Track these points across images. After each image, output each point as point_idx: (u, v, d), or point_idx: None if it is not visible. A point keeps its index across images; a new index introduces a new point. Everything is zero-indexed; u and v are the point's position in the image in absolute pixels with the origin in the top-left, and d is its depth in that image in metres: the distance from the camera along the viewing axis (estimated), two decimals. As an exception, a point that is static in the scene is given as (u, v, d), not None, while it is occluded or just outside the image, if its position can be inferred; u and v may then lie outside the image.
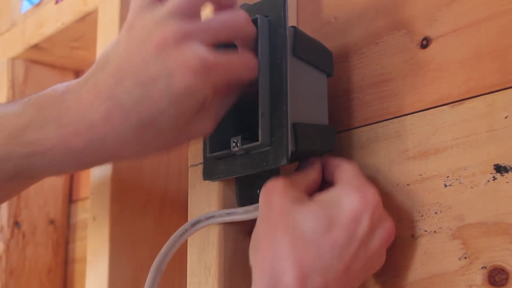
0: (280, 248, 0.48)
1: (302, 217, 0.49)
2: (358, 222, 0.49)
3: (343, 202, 0.49)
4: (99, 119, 0.48)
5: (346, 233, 0.48)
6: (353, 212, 0.49)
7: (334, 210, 0.49)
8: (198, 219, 0.58)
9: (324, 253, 0.47)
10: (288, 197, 0.50)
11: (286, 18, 0.54)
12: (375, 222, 0.50)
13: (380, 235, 0.50)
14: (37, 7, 0.99)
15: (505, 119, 0.51)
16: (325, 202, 0.50)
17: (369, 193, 0.50)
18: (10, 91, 1.00)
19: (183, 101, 0.47)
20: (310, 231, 0.48)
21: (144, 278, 0.64)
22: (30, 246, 1.01)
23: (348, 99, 0.62)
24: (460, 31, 0.55)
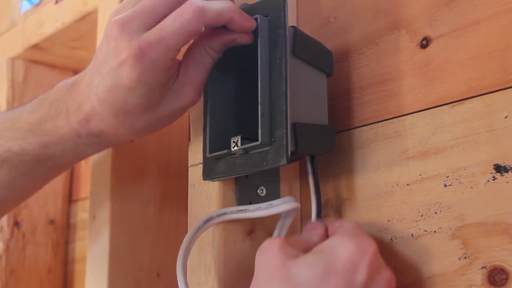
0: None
1: (298, 268, 0.47)
2: (355, 271, 0.47)
3: (338, 250, 0.47)
4: (88, 110, 0.57)
5: (343, 282, 0.46)
6: (349, 259, 0.47)
7: (330, 258, 0.47)
8: (210, 216, 0.57)
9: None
10: (284, 253, 0.49)
11: (286, 18, 0.54)
12: (373, 271, 0.48)
13: (379, 285, 0.48)
14: (37, 7, 0.99)
15: (505, 119, 0.51)
16: (320, 251, 0.48)
17: (365, 241, 0.48)
18: (10, 91, 1.01)
19: (144, 81, 0.53)
20: (306, 280, 0.46)
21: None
22: (30, 246, 1.01)
23: (348, 99, 0.62)
24: (460, 31, 0.55)
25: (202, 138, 0.60)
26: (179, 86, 0.56)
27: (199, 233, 0.57)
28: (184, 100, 0.57)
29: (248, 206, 0.58)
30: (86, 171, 1.05)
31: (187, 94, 0.56)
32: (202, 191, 0.61)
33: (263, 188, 0.61)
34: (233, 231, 0.59)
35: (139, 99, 0.54)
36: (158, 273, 0.82)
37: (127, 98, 0.54)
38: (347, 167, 0.61)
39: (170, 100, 0.56)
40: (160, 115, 0.57)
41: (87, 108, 0.57)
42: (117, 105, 0.55)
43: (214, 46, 0.56)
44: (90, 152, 0.64)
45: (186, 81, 0.56)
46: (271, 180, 0.62)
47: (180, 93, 0.56)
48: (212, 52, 0.56)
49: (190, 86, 0.56)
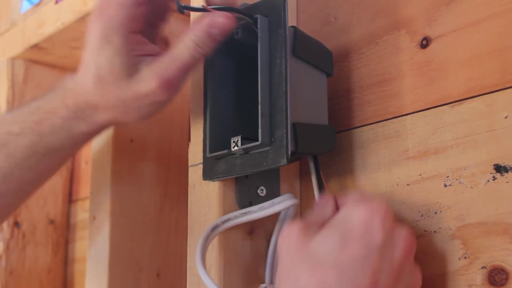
0: (300, 278, 0.47)
1: (316, 243, 0.48)
2: (371, 231, 0.47)
3: (350, 217, 0.48)
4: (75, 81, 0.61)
5: (362, 244, 0.47)
6: (362, 222, 0.48)
7: (344, 227, 0.48)
8: (215, 224, 0.57)
9: (346, 270, 0.46)
10: (302, 235, 0.49)
11: (286, 18, 0.54)
12: (388, 229, 0.48)
13: (399, 243, 0.48)
14: (37, 7, 0.99)
15: (505, 119, 0.51)
16: (333, 224, 0.49)
17: (373, 203, 0.49)
18: (10, 91, 1.00)
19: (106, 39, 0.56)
20: (325, 253, 0.47)
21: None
22: (30, 246, 1.01)
23: (348, 99, 0.62)
24: (460, 31, 0.55)
25: (202, 138, 0.60)
26: (146, 72, 0.56)
27: (208, 242, 0.57)
28: (145, 86, 0.56)
29: (251, 208, 0.58)
30: (86, 171, 1.05)
31: (149, 83, 0.55)
32: (202, 191, 0.61)
33: (263, 188, 0.61)
34: (233, 231, 0.59)
35: (107, 62, 0.56)
36: (158, 273, 0.82)
37: (98, 61, 0.57)
38: (347, 167, 0.61)
39: (136, 82, 0.56)
40: (129, 93, 0.57)
41: (74, 80, 0.61)
42: (92, 70, 0.58)
43: (193, 36, 0.54)
44: (78, 130, 0.63)
45: (154, 69, 0.56)
46: (271, 180, 0.62)
47: (144, 80, 0.56)
48: (190, 43, 0.54)
49: (156, 76, 0.55)
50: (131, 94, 0.57)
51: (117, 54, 0.56)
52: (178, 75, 0.55)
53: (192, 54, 0.54)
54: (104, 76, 0.57)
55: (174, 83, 0.55)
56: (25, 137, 0.64)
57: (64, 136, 0.64)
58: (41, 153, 0.65)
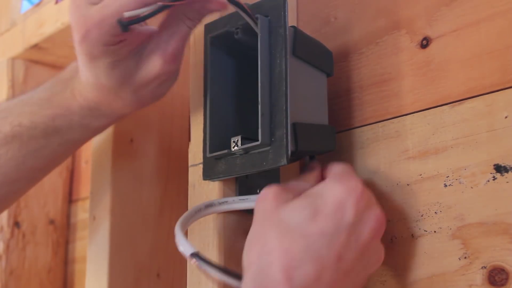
0: (267, 242, 0.48)
1: (287, 212, 0.49)
2: (343, 210, 0.48)
3: (326, 192, 0.50)
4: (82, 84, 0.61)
5: (332, 221, 0.48)
6: (336, 199, 0.49)
7: (318, 201, 0.49)
8: (211, 202, 0.57)
9: (312, 243, 0.47)
10: (278, 200, 0.50)
11: (286, 18, 0.54)
12: (360, 209, 0.49)
13: (369, 223, 0.50)
14: (37, 7, 0.99)
15: (505, 119, 0.51)
16: (309, 195, 0.50)
17: (351, 182, 0.50)
18: (10, 91, 1.00)
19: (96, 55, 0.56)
20: (295, 223, 0.48)
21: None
22: (30, 246, 1.01)
23: (348, 99, 0.62)
24: (460, 31, 0.55)
25: (202, 138, 0.60)
26: (150, 55, 0.57)
27: (197, 216, 0.57)
28: (153, 68, 0.57)
29: (250, 196, 0.58)
30: (86, 171, 1.05)
31: (155, 62, 0.57)
32: (202, 191, 0.61)
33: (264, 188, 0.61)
34: (233, 231, 0.59)
35: (106, 70, 0.57)
36: (158, 273, 0.82)
37: (96, 72, 0.57)
38: (347, 167, 0.61)
39: (142, 69, 0.58)
40: (137, 84, 0.58)
41: (82, 82, 0.61)
42: (92, 80, 0.59)
43: (188, 14, 0.56)
44: (96, 124, 0.64)
45: (156, 49, 0.57)
46: (271, 180, 0.61)
47: (149, 62, 0.57)
48: (187, 20, 0.56)
49: (159, 54, 0.57)
50: (142, 82, 0.58)
51: (111, 67, 0.57)
52: (179, 47, 0.57)
53: (188, 26, 0.57)
54: (108, 83, 0.58)
55: (177, 54, 0.57)
56: (38, 130, 0.64)
57: (83, 130, 0.64)
58: (56, 144, 0.65)
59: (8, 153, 0.65)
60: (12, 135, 0.65)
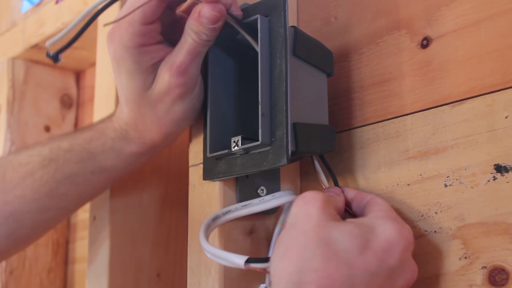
0: (311, 259, 0.47)
1: (338, 234, 0.48)
2: (391, 252, 0.48)
3: (380, 228, 0.49)
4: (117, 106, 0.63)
5: (378, 260, 0.47)
6: (388, 240, 0.48)
7: (370, 234, 0.48)
8: (216, 215, 0.57)
9: (355, 276, 0.46)
10: (327, 212, 0.49)
11: (287, 18, 0.54)
12: (404, 258, 0.49)
13: (406, 273, 0.49)
14: (37, 7, 0.99)
15: (505, 119, 0.51)
16: (361, 225, 0.49)
17: (405, 228, 0.50)
18: (10, 91, 1.01)
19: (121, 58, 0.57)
20: (344, 249, 0.47)
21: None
22: (30, 246, 1.01)
23: (348, 99, 0.62)
24: (460, 31, 0.55)
25: (202, 138, 0.60)
26: (161, 69, 0.57)
27: (209, 232, 0.57)
28: (162, 82, 0.57)
29: (251, 201, 0.58)
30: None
31: (164, 76, 0.57)
32: (202, 191, 0.61)
33: (264, 188, 0.61)
34: (233, 231, 0.59)
35: (127, 83, 0.58)
36: (158, 273, 0.82)
37: (120, 83, 0.59)
38: (347, 167, 0.61)
39: (156, 83, 0.58)
40: (153, 99, 0.58)
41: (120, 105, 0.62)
42: (120, 92, 0.60)
43: (192, 26, 0.55)
44: (128, 150, 0.63)
45: (165, 63, 0.57)
46: (271, 180, 0.62)
47: (159, 76, 0.57)
48: (191, 32, 0.55)
49: (167, 68, 0.57)
50: (156, 97, 0.58)
51: (132, 74, 0.57)
52: (186, 60, 0.56)
53: (193, 39, 0.56)
54: (130, 95, 0.59)
55: (184, 68, 0.57)
56: (74, 154, 0.65)
57: (115, 156, 0.64)
58: (89, 171, 0.65)
59: (43, 178, 0.66)
60: (49, 158, 0.66)
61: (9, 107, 1.00)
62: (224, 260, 0.53)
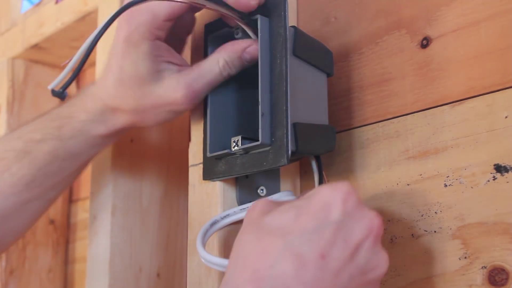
0: (247, 243, 0.47)
1: (269, 217, 0.48)
2: (328, 208, 0.46)
3: (312, 195, 0.48)
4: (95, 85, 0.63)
5: (314, 219, 0.46)
6: (321, 199, 0.47)
7: (302, 203, 0.48)
8: (214, 220, 0.58)
9: (291, 241, 0.45)
10: (265, 209, 0.49)
11: (286, 18, 0.54)
12: (349, 208, 0.47)
13: (360, 223, 0.47)
14: (37, 7, 0.99)
15: (505, 119, 0.51)
16: (298, 200, 0.49)
17: (340, 184, 0.48)
18: (10, 90, 1.01)
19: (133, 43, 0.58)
20: (277, 225, 0.47)
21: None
22: (30, 246, 1.01)
23: (348, 99, 0.62)
24: (460, 31, 0.55)
25: (202, 138, 0.60)
26: (173, 81, 0.58)
27: (207, 236, 0.57)
28: (170, 95, 0.58)
29: (249, 204, 0.58)
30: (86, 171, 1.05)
31: (175, 92, 0.57)
32: (202, 191, 0.61)
33: (264, 188, 0.61)
34: (233, 231, 0.59)
35: (132, 66, 0.58)
36: (158, 273, 0.82)
37: (123, 64, 0.58)
38: (347, 167, 0.61)
39: (160, 88, 0.58)
40: (151, 99, 0.59)
41: (95, 84, 0.62)
42: (116, 73, 0.59)
43: (227, 57, 0.57)
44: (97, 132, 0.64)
45: (183, 78, 0.58)
46: (271, 180, 0.62)
47: (170, 88, 0.58)
48: (221, 61, 0.57)
49: (184, 86, 0.57)
50: (153, 99, 0.59)
51: (143, 58, 0.57)
52: (205, 88, 0.58)
53: (221, 71, 0.57)
54: (128, 79, 0.59)
55: (199, 95, 0.58)
56: (46, 143, 0.65)
57: (83, 139, 0.65)
58: (62, 158, 0.66)
59: (19, 172, 0.66)
60: (24, 151, 0.66)
61: (9, 107, 1.00)
62: (223, 267, 0.53)
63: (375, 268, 0.47)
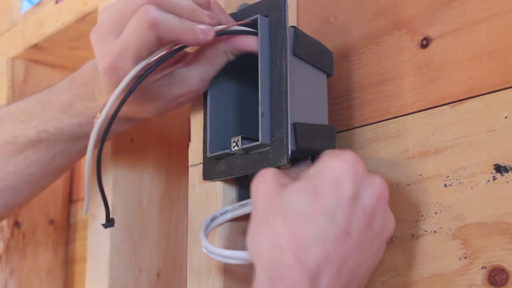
0: (276, 230, 0.48)
1: (288, 196, 0.49)
2: (342, 183, 0.48)
3: (323, 170, 0.49)
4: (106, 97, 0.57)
5: (333, 197, 0.48)
6: (334, 174, 0.48)
7: (318, 179, 0.49)
8: (214, 215, 0.58)
9: (318, 223, 0.47)
10: (277, 183, 0.50)
11: (286, 18, 0.54)
12: (359, 178, 0.49)
13: (371, 189, 0.49)
14: (37, 7, 0.99)
15: (505, 119, 0.51)
16: (308, 176, 0.50)
17: (346, 155, 0.50)
18: (10, 90, 1.00)
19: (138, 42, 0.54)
20: (298, 205, 0.48)
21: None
22: (30, 246, 1.01)
23: (348, 99, 0.62)
24: (460, 31, 0.55)
25: (202, 138, 0.60)
26: (186, 77, 0.58)
27: (208, 231, 0.57)
28: (188, 88, 0.58)
29: (248, 200, 0.57)
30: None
31: (193, 85, 0.58)
32: (202, 191, 0.61)
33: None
34: (233, 231, 0.59)
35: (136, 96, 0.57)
36: (158, 273, 0.82)
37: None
38: (347, 167, 0.61)
39: (174, 87, 0.58)
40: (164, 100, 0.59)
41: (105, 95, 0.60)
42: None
43: (233, 50, 0.57)
44: (120, 129, 0.65)
45: (195, 73, 0.58)
46: (271, 180, 0.61)
47: (185, 83, 0.58)
48: (230, 54, 0.58)
49: (198, 79, 0.58)
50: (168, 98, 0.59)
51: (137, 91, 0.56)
52: (213, 77, 0.59)
53: (228, 57, 0.58)
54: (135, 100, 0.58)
55: (210, 82, 0.59)
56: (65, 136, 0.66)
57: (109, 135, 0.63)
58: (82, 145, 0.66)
59: (36, 155, 0.67)
60: (38, 140, 0.67)
61: (9, 107, 1.00)
62: (229, 258, 0.54)
63: (387, 228, 0.51)
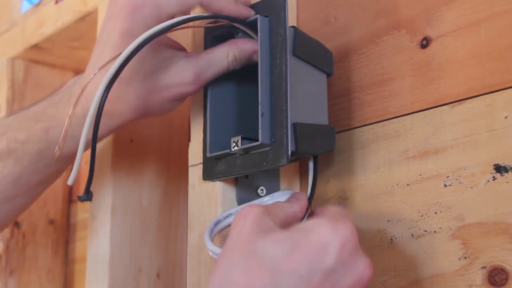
0: (232, 272, 0.44)
1: (264, 244, 0.45)
2: (324, 252, 0.44)
3: (313, 231, 0.45)
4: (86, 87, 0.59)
5: (308, 262, 0.44)
6: (320, 240, 0.44)
7: (300, 238, 0.45)
8: (218, 219, 0.58)
9: (279, 281, 0.43)
10: (258, 225, 0.46)
11: (286, 18, 0.54)
12: (345, 256, 0.44)
13: (352, 273, 0.45)
14: (37, 7, 0.99)
15: (505, 119, 0.51)
16: (294, 230, 0.46)
17: (343, 224, 0.45)
18: (10, 91, 1.00)
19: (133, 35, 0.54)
20: (269, 257, 0.44)
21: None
22: (30, 246, 1.01)
23: (348, 99, 0.62)
24: (460, 31, 0.55)
25: (202, 138, 0.60)
26: (182, 67, 0.57)
27: (212, 235, 0.57)
28: (180, 79, 0.57)
29: (251, 202, 0.58)
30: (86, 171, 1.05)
31: (185, 78, 0.57)
32: (202, 191, 0.61)
33: (263, 188, 0.61)
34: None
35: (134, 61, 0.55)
36: (158, 273, 0.82)
37: None
38: (347, 167, 0.61)
39: (167, 74, 0.57)
40: (152, 88, 0.57)
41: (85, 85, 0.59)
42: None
43: (237, 53, 0.57)
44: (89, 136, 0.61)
45: (192, 67, 0.57)
46: (271, 180, 0.62)
47: (179, 73, 0.57)
48: (232, 58, 0.57)
49: (193, 73, 0.57)
50: (159, 88, 0.58)
51: (149, 50, 0.56)
52: (211, 78, 0.58)
53: (228, 65, 0.58)
54: (128, 76, 0.56)
55: (205, 83, 0.58)
56: (32, 144, 0.63)
57: (73, 143, 0.61)
58: (50, 158, 0.63)
59: (5, 170, 0.65)
60: (8, 150, 0.64)
61: (9, 107, 1.00)
62: None
63: None
